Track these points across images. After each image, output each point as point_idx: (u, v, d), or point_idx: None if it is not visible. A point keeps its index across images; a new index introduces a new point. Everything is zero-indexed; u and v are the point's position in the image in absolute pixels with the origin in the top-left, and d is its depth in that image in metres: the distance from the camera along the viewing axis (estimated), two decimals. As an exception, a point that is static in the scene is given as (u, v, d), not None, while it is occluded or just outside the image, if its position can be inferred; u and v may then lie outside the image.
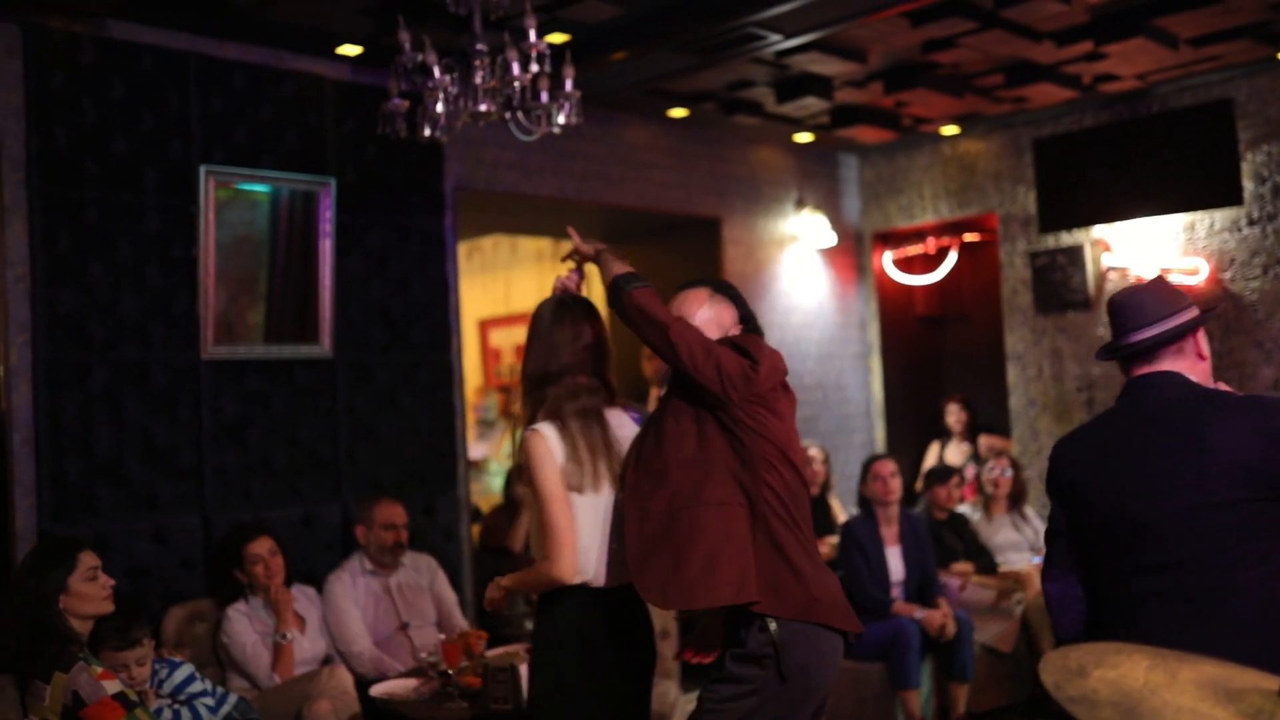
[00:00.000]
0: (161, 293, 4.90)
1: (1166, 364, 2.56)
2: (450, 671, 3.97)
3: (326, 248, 5.33)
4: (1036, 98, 6.84)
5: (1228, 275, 6.63)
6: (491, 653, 4.25)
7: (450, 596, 5.04)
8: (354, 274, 5.47)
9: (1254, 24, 5.78)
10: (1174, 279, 6.75)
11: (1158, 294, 2.59)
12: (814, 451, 6.91)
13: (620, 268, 2.96)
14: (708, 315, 2.98)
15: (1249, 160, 6.53)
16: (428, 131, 4.31)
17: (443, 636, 4.41)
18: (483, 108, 4.21)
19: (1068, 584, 2.62)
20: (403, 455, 5.59)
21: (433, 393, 5.74)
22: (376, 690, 4.08)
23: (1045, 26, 5.69)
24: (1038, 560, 6.33)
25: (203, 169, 4.96)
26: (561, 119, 4.29)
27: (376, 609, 4.78)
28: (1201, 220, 6.73)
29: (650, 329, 2.84)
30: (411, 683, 4.13)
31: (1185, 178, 6.76)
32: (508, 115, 4.29)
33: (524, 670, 3.80)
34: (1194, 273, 6.72)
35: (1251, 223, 6.55)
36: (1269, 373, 6.42)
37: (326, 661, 4.59)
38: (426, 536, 5.50)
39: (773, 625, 2.78)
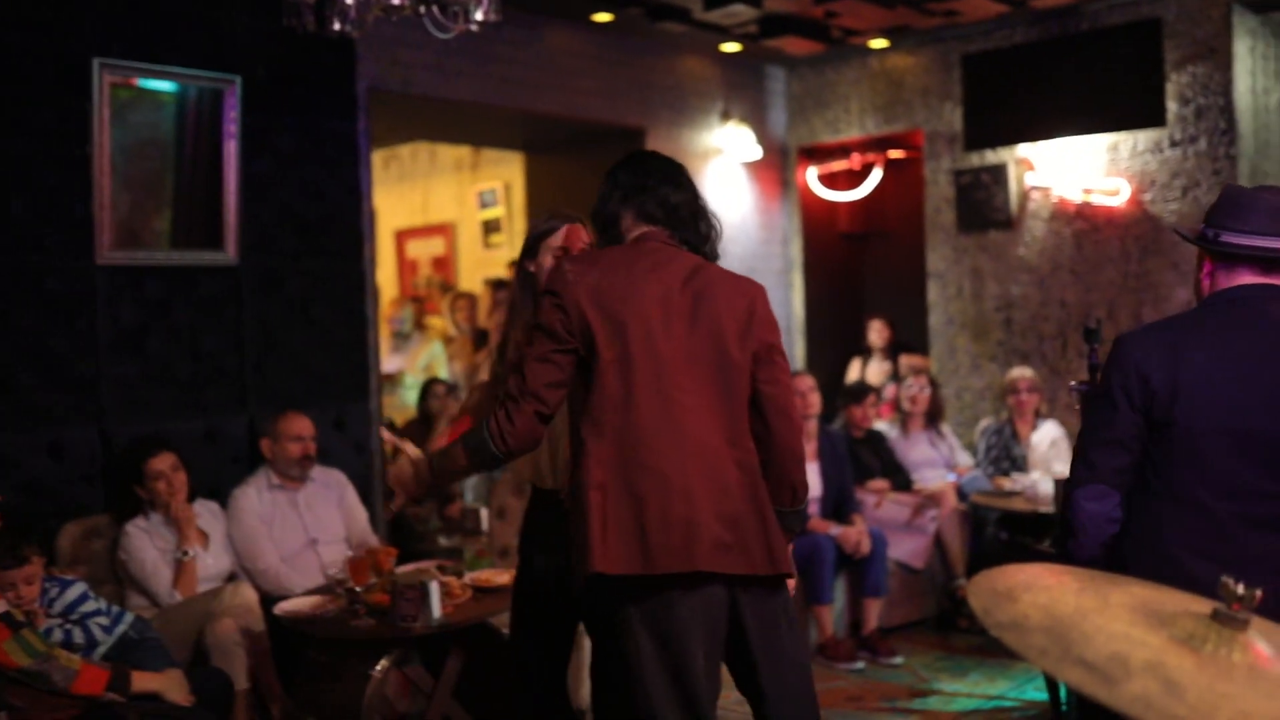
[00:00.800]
0: (55, 195, 4.64)
1: None
2: (358, 589, 3.86)
3: (232, 149, 5.09)
4: (968, 11, 6.73)
5: (1148, 197, 6.63)
6: (401, 569, 4.17)
7: (361, 513, 4.92)
8: (262, 178, 5.24)
9: (1185, -60, 5.72)
10: (1095, 200, 6.77)
11: None
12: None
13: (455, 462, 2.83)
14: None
15: (1173, 81, 6.51)
16: (337, 25, 4.08)
17: (351, 553, 4.30)
18: (395, 1, 4.00)
19: (1108, 504, 2.35)
20: (312, 367, 5.42)
21: (344, 302, 5.55)
22: (281, 608, 3.98)
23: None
24: (952, 478, 6.37)
25: (96, 62, 4.68)
26: (480, 15, 4.07)
27: (283, 524, 4.64)
28: (1125, 141, 6.71)
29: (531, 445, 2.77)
30: (317, 600, 4.02)
31: (1110, 98, 6.72)
32: (422, 10, 4.07)
33: (434, 587, 3.71)
34: (1115, 193, 6.72)
35: (1173, 144, 6.55)
36: (1184, 294, 6.46)
37: (231, 579, 4.46)
38: (337, 451, 5.36)
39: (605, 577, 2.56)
